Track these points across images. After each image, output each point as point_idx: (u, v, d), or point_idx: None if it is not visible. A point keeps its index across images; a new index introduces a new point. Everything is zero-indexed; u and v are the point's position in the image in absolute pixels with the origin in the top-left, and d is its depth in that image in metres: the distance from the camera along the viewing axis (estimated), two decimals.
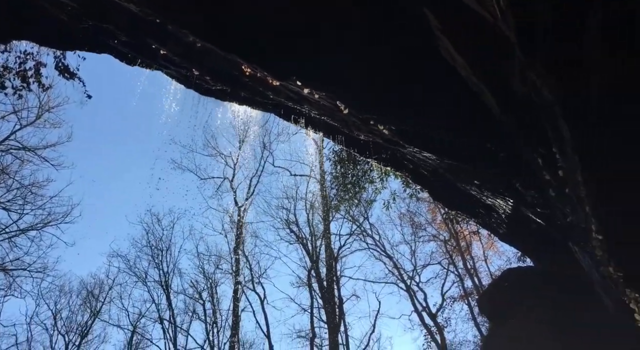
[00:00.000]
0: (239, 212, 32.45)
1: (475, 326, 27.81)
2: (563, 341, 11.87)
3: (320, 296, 28.21)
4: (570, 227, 6.18)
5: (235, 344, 27.82)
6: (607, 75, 3.75)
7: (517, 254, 23.50)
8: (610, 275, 4.81)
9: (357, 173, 19.66)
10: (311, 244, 31.41)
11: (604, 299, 8.61)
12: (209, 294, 33.76)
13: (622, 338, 8.30)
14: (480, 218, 13.90)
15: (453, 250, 32.40)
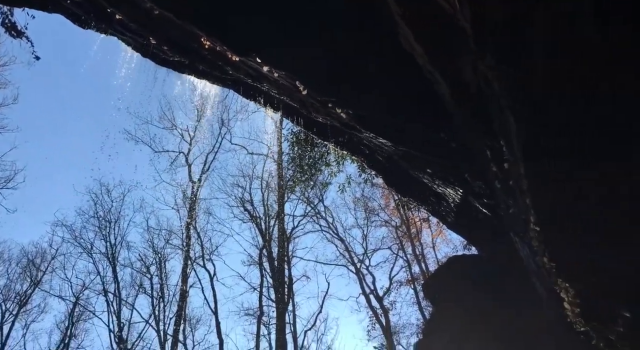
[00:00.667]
0: (193, 187, 31.98)
1: (419, 310, 28.65)
2: (499, 327, 12.41)
3: (271, 275, 28.33)
4: (512, 217, 6.42)
5: (181, 319, 27.62)
6: (551, 74, 3.88)
7: (463, 242, 24.26)
8: (545, 265, 5.04)
9: (314, 155, 19.70)
10: (264, 223, 31.39)
11: (538, 288, 9.01)
12: (157, 268, 33.30)
13: (553, 325, 8.72)
14: (431, 206, 14.22)
15: (403, 236, 33.13)
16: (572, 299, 4.93)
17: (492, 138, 5.38)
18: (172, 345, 26.01)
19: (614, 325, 4.41)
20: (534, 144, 4.10)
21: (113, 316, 31.00)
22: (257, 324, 28.46)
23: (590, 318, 4.76)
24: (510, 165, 4.88)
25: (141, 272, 33.62)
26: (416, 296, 29.67)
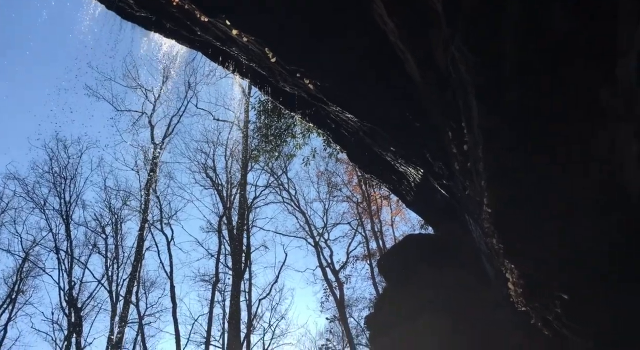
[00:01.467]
0: (155, 150, 31.32)
1: (373, 285, 29.29)
2: (449, 305, 12.85)
3: (229, 243, 28.30)
4: (467, 199, 6.58)
5: (135, 281, 27.39)
6: (518, 60, 3.94)
7: (420, 221, 24.79)
8: (494, 246, 5.21)
9: (281, 126, 19.58)
10: (226, 191, 31.19)
11: (487, 269, 9.33)
12: (113, 229, 32.72)
13: (500, 304, 9.06)
14: (392, 184, 14.41)
15: (364, 212, 33.56)
16: (516, 280, 5.13)
17: (455, 120, 5.46)
18: (124, 307, 25.82)
19: (552, 306, 4.63)
20: (494, 128, 4.18)
21: (64, 274, 30.40)
22: (212, 290, 28.53)
23: (531, 298, 4.98)
24: (470, 148, 4.98)
25: (96, 231, 32.99)
26: (371, 272, 30.29)
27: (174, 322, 25.38)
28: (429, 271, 13.89)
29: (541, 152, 4.00)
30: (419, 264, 14.45)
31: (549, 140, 3.83)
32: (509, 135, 4.08)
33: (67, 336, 27.85)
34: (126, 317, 25.25)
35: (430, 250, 14.50)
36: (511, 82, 3.98)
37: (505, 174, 4.17)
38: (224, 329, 26.68)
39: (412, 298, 14.04)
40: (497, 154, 4.15)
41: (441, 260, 13.76)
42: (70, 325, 28.13)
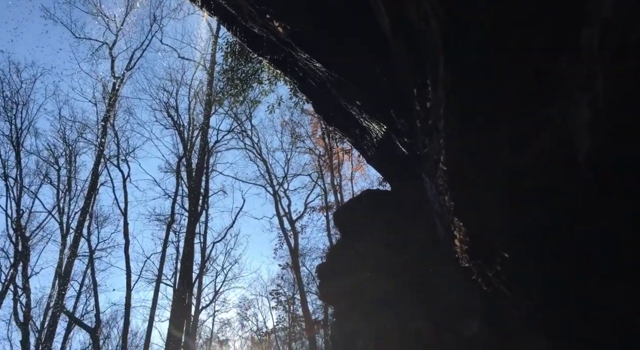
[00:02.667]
0: (115, 83, 30.17)
1: (328, 237, 29.95)
2: (398, 260, 13.29)
3: (187, 185, 28.06)
4: (426, 157, 6.69)
5: (87, 214, 26.97)
6: (491, 21, 3.92)
7: (379, 178, 25.21)
8: (446, 203, 5.36)
9: (248, 70, 19.14)
10: (188, 132, 30.64)
11: (438, 227, 9.64)
12: (67, 161, 31.83)
13: (448, 262, 9.42)
14: (355, 138, 14.48)
15: (325, 165, 33.78)
16: (463, 237, 5.33)
17: (422, 77, 5.46)
18: (75, 240, 25.48)
19: (493, 264, 4.85)
20: (457, 86, 4.20)
21: (12, 202, 29.61)
22: (167, 230, 28.47)
23: (475, 255, 5.19)
24: (433, 105, 5.01)
25: (48, 162, 32.05)
26: (327, 224, 30.85)
27: (126, 259, 25.34)
28: (382, 226, 14.27)
29: (500, 114, 4.07)
30: (373, 219, 14.80)
31: (509, 104, 3.89)
32: (471, 94, 4.12)
33: (14, 264, 27.44)
34: (76, 249, 24.98)
35: (385, 206, 14.84)
36: (480, 41, 3.98)
37: (463, 133, 4.24)
38: (177, 269, 26.89)
39: (363, 251, 14.45)
40: (458, 112, 4.20)
41: (395, 216, 14.13)
42: (17, 253, 27.68)
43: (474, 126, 4.28)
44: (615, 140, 3.13)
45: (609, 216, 3.53)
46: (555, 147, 3.60)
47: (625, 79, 2.77)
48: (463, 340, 10.56)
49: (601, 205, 3.52)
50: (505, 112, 3.96)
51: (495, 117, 4.16)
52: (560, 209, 3.70)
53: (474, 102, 4.19)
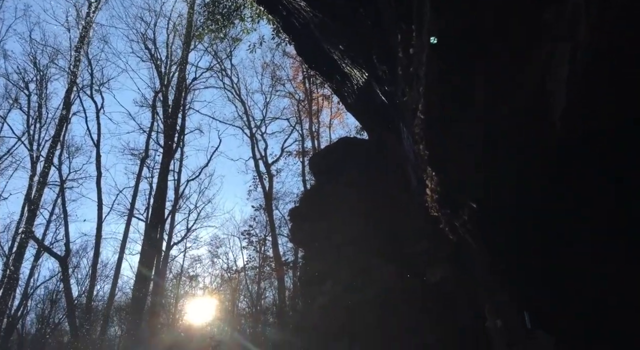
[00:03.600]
0: (90, 8, 28.78)
1: (302, 182, 30.10)
2: (371, 207, 13.54)
3: (163, 121, 27.58)
4: (405, 106, 6.67)
5: (58, 143, 26.41)
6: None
7: (357, 127, 25.18)
8: (420, 152, 5.39)
9: (230, 5, 18.46)
10: (165, 67, 29.79)
11: (411, 177, 9.77)
12: (38, 87, 30.71)
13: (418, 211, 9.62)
14: (335, 84, 14.32)
15: (304, 111, 33.48)
16: (434, 187, 5.41)
17: (407, 22, 5.36)
18: (45, 168, 25.03)
19: (461, 214, 4.96)
20: (442, 34, 4.14)
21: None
22: (140, 165, 28.19)
23: (444, 205, 5.30)
24: (416, 52, 4.94)
25: (18, 86, 30.92)
26: (302, 169, 30.95)
27: (97, 190, 25.13)
28: (357, 174, 14.42)
29: (481, 66, 4.04)
30: (348, 166, 14.92)
31: (491, 54, 3.86)
32: (455, 42, 4.07)
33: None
34: (46, 178, 24.61)
35: (361, 154, 14.94)
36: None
37: (444, 81, 4.21)
38: (149, 204, 26.83)
39: (336, 197, 14.65)
40: (440, 60, 4.15)
41: (370, 165, 14.27)
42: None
43: (456, 75, 4.26)
44: (591, 99, 3.15)
45: (580, 174, 3.61)
46: (531, 105, 3.61)
47: (610, 30, 2.76)
48: (428, 286, 10.99)
49: (573, 163, 3.59)
50: (486, 63, 3.93)
51: (476, 67, 4.13)
52: (532, 166, 3.77)
53: (458, 50, 4.15)
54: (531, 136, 3.88)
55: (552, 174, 3.91)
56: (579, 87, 3.23)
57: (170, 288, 29.47)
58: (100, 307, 28.30)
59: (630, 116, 3.21)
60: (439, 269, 10.29)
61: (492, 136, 4.17)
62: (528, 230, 4.30)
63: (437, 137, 4.54)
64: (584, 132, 3.49)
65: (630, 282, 3.68)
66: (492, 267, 5.31)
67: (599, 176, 3.65)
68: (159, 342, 21.36)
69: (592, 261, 3.98)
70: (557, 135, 3.64)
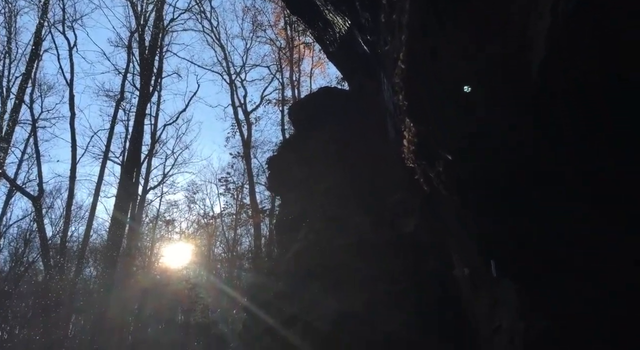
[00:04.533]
0: None
1: (282, 131, 29.89)
2: (349, 157, 13.62)
3: (139, 63, 26.77)
4: (386, 55, 6.62)
5: (29, 80, 25.50)
6: None
7: (338, 77, 24.91)
8: (399, 102, 5.41)
9: None
10: (141, 5, 28.62)
11: (390, 128, 9.80)
12: (6, 20, 29.21)
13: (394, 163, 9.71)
14: (317, 31, 14.04)
15: (284, 59, 32.83)
16: (411, 138, 5.47)
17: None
18: (16, 105, 24.23)
19: (436, 165, 5.05)
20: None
21: None
22: (116, 107, 27.46)
23: (420, 156, 5.38)
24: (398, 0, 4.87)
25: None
26: (282, 118, 30.68)
27: (71, 131, 24.53)
28: (336, 124, 14.38)
29: (463, 15, 4.01)
30: (328, 116, 14.85)
31: (472, 2, 3.83)
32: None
33: None
34: (17, 115, 23.91)
35: (341, 105, 14.85)
36: None
37: (424, 30, 4.18)
38: (125, 148, 26.39)
39: (314, 146, 14.67)
40: (422, 8, 4.10)
41: (350, 116, 14.22)
42: None
43: (436, 25, 4.22)
44: (571, 51, 3.17)
45: (555, 124, 3.68)
46: (510, 54, 3.62)
47: None
48: (400, 236, 11.26)
49: (549, 113, 3.65)
50: (468, 12, 3.90)
51: (458, 16, 4.10)
52: (507, 115, 3.82)
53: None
54: (508, 85, 3.91)
55: (528, 127, 3.98)
56: (559, 39, 3.24)
57: (146, 232, 29.57)
58: (75, 248, 28.29)
59: (613, 71, 3.24)
60: (411, 220, 10.53)
61: (470, 84, 4.19)
62: (500, 183, 4.41)
63: (415, 87, 4.55)
64: (564, 86, 3.52)
65: (592, 232, 3.84)
66: (461, 218, 5.47)
67: (575, 130, 3.72)
68: (135, 284, 21.68)
69: (557, 215, 4.12)
70: (535, 88, 3.68)
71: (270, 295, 12.68)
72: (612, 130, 3.41)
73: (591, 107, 3.48)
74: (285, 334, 11.35)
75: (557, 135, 3.77)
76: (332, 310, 10.49)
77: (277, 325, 11.76)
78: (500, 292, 5.85)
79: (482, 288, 6.38)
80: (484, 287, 6.28)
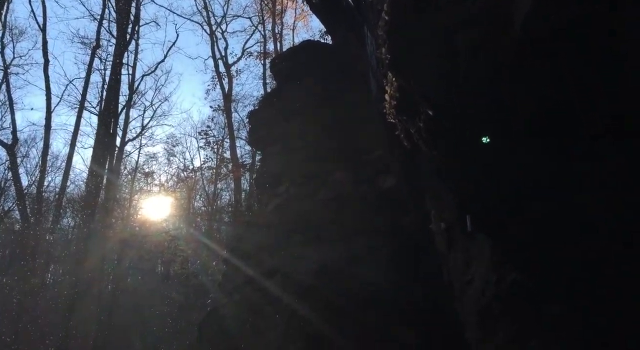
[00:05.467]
0: None
1: (263, 85, 29.40)
2: (330, 112, 13.56)
3: (115, 10, 25.74)
4: (370, 7, 6.50)
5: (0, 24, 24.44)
6: None
7: (321, 31, 24.40)
8: (382, 56, 5.36)
9: None
10: None
11: (372, 85, 9.73)
12: None
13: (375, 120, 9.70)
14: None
15: (267, 10, 31.95)
16: (393, 93, 5.45)
17: None
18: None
19: (416, 121, 5.06)
20: None
21: None
22: (91, 55, 26.48)
23: (401, 111, 5.38)
24: None
25: None
26: (263, 72, 30.09)
27: (45, 79, 23.68)
28: (318, 79, 14.23)
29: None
30: (310, 70, 14.67)
31: None
32: None
33: None
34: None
35: (324, 59, 14.64)
36: None
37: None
38: (102, 98, 25.71)
39: (295, 101, 14.56)
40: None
41: (332, 71, 14.06)
42: None
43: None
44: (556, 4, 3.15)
45: (536, 75, 3.69)
46: (494, 5, 3.59)
47: None
48: (379, 192, 11.41)
49: (531, 64, 3.65)
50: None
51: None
52: (489, 66, 3.82)
53: None
54: (491, 37, 3.89)
55: (509, 82, 4.00)
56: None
57: (125, 184, 29.29)
58: (52, 199, 27.97)
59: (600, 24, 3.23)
60: (391, 176, 10.64)
61: (453, 37, 4.16)
62: (479, 138, 4.45)
63: (398, 39, 4.50)
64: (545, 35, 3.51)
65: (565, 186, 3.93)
66: (439, 174, 5.54)
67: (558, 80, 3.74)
68: (114, 235, 21.65)
69: (532, 172, 4.20)
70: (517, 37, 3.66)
71: (250, 248, 12.85)
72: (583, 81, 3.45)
73: (572, 59, 3.51)
74: (266, 285, 11.59)
75: (536, 88, 3.80)
76: (313, 262, 10.71)
77: (257, 276, 11.98)
78: (474, 246, 6.02)
79: (458, 242, 6.56)
80: (459, 242, 6.45)
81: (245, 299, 12.32)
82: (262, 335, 11.22)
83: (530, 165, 3.94)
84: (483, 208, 4.81)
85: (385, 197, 11.03)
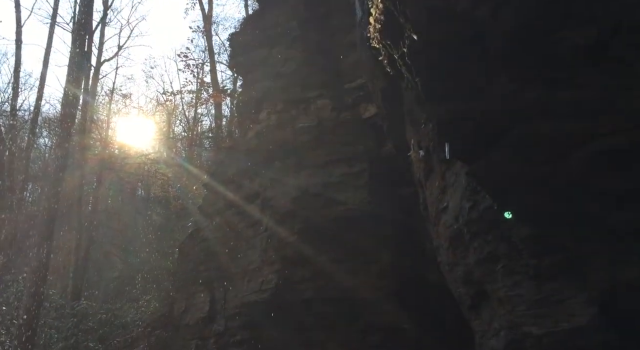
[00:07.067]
0: None
1: (245, 7, 28.27)
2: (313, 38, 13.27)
3: None
4: None
5: None
6: None
7: None
8: None
9: None
10: None
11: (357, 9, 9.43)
12: None
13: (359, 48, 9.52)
14: None
15: None
16: (378, 16, 5.34)
17: None
18: None
19: (400, 46, 5.01)
20: None
21: None
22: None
23: (386, 35, 5.30)
24: None
25: None
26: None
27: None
28: (301, 2, 13.76)
29: None
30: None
31: None
32: None
33: None
34: None
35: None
36: None
37: None
38: (75, 13, 24.51)
39: (278, 24, 14.15)
40: None
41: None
42: None
43: None
44: None
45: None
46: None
47: None
48: (360, 120, 11.46)
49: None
50: None
51: None
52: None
53: None
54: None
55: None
56: None
57: (102, 104, 28.62)
58: (27, 118, 27.31)
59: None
60: (372, 104, 10.65)
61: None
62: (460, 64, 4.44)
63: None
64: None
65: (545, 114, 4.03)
66: (419, 100, 5.57)
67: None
68: (92, 156, 21.48)
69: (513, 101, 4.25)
70: None
71: (231, 173, 12.98)
72: None
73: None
74: (246, 209, 11.86)
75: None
76: (292, 187, 10.93)
77: (237, 200, 12.22)
78: (451, 174, 6.20)
79: (435, 170, 6.72)
80: (437, 170, 6.62)
81: (226, 221, 12.62)
82: (243, 257, 11.63)
83: (509, 93, 3.99)
84: (462, 135, 4.90)
85: (365, 125, 11.11)
